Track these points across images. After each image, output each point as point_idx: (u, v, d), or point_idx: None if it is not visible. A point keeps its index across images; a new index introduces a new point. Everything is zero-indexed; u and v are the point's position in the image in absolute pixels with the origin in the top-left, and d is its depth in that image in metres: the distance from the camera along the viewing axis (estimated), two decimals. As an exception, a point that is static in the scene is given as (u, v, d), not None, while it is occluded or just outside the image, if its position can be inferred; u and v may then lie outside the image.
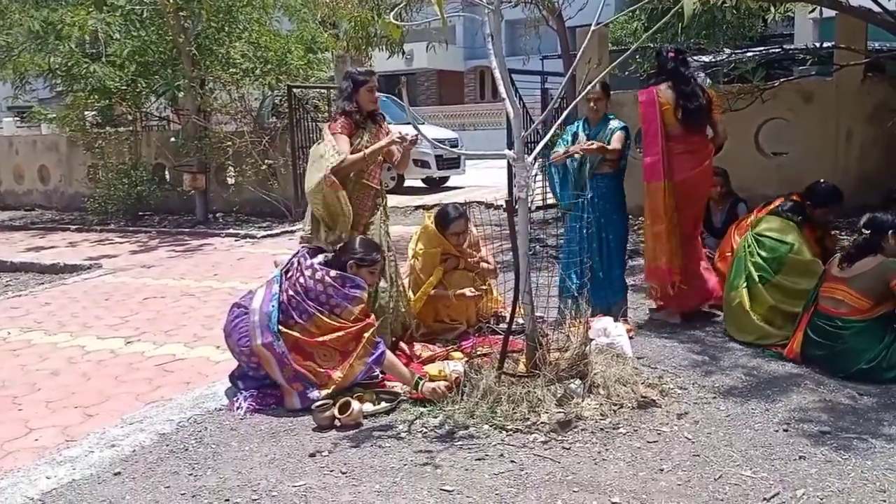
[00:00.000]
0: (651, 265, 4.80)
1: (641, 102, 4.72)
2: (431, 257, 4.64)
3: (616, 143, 4.73)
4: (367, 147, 4.16)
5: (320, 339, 3.71)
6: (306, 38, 11.47)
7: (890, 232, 3.91)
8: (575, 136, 4.91)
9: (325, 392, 3.63)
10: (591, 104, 4.78)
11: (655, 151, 4.65)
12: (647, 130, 4.69)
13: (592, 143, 4.63)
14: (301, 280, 3.81)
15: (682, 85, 4.59)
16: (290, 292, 3.79)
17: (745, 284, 4.46)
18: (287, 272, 3.90)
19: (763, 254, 4.48)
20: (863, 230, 3.95)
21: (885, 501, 2.64)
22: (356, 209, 4.18)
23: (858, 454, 2.99)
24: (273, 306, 3.74)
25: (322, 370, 3.69)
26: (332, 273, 3.78)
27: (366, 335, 3.73)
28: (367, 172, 4.26)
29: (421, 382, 3.66)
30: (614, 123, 4.83)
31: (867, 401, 3.52)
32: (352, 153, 4.11)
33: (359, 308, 3.79)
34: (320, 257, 3.93)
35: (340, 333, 3.72)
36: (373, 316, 3.88)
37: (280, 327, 3.69)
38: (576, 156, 4.72)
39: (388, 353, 3.80)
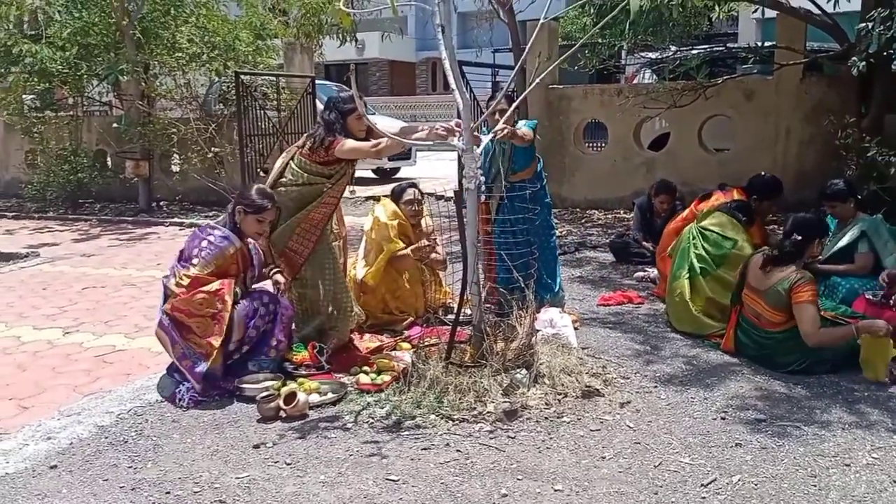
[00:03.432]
0: None
1: None
2: (389, 228, 4.68)
3: (525, 129, 4.60)
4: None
5: (185, 296, 3.60)
6: (255, 23, 11.25)
7: (817, 239, 3.94)
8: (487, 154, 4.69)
9: (208, 362, 3.58)
10: (497, 116, 4.30)
11: None
12: None
13: (504, 130, 4.31)
14: (185, 251, 3.79)
15: None
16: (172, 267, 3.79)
17: (687, 275, 4.56)
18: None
19: (707, 247, 4.58)
20: (793, 234, 3.91)
21: (815, 486, 2.74)
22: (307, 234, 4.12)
23: (792, 441, 3.10)
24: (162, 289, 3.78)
25: (203, 340, 3.64)
26: (204, 223, 3.74)
27: (229, 312, 3.62)
28: (335, 190, 4.14)
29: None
30: (520, 122, 4.74)
31: (801, 390, 3.64)
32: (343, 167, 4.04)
33: (214, 262, 3.67)
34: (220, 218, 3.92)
35: (206, 296, 3.60)
36: (226, 282, 3.68)
37: (166, 305, 3.69)
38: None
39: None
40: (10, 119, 11.60)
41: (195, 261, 3.69)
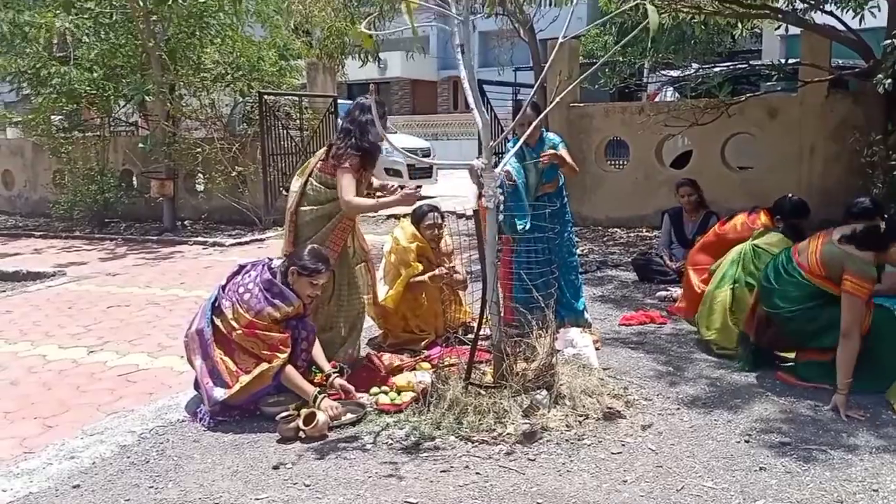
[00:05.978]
0: None
1: None
2: (408, 252, 4.68)
3: (567, 156, 4.63)
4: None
5: (237, 331, 3.66)
6: (279, 44, 11.41)
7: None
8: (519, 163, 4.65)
9: (229, 392, 3.57)
10: (525, 127, 4.34)
11: None
12: None
13: (547, 155, 4.49)
14: (244, 277, 3.83)
15: None
16: (229, 285, 3.83)
17: (731, 286, 4.52)
18: (239, 272, 3.92)
19: (757, 264, 4.55)
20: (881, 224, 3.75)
21: (842, 512, 2.68)
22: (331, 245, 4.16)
23: (818, 465, 3.03)
24: (214, 295, 3.80)
25: (234, 369, 3.64)
26: (266, 276, 3.77)
27: (272, 364, 3.62)
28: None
29: (319, 398, 3.58)
30: (552, 136, 4.75)
31: (827, 412, 3.57)
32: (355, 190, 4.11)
33: (275, 316, 3.71)
34: (276, 262, 3.92)
35: (257, 341, 3.65)
36: (283, 356, 3.66)
37: (213, 316, 3.73)
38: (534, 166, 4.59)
39: (288, 368, 3.69)
40: (39, 139, 11.88)
41: (257, 316, 3.68)
